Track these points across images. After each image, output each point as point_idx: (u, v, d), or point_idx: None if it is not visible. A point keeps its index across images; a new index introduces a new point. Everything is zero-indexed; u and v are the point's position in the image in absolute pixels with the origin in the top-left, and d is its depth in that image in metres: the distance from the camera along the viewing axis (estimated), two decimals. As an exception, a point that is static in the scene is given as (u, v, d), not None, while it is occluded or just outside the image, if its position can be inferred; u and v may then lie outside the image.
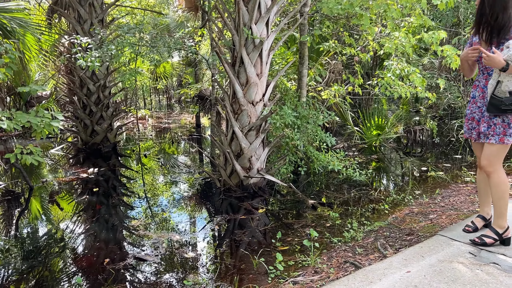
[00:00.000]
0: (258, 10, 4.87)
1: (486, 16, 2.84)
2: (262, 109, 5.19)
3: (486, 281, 2.59)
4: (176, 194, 5.57)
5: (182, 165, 7.20)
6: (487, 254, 2.96)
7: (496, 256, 2.92)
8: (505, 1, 2.77)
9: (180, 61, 13.74)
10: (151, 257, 3.63)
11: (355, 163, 6.15)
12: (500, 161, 2.98)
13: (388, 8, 5.23)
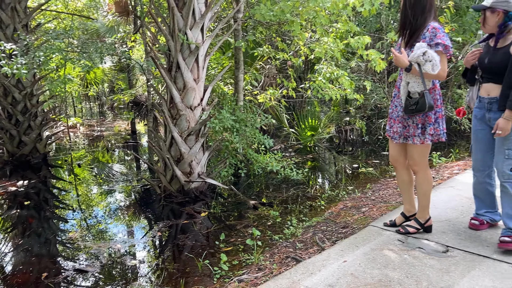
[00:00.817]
0: (193, 16, 4.93)
1: (407, 18, 3.02)
2: (200, 114, 5.24)
3: (413, 264, 2.86)
4: (114, 204, 5.44)
5: (118, 174, 7.02)
6: (413, 240, 3.25)
7: (421, 241, 3.22)
8: (423, 5, 2.96)
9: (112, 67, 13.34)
10: (92, 267, 3.55)
11: (292, 163, 6.38)
12: (424, 160, 3.15)
13: (317, 14, 5.52)
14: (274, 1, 5.55)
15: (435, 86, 3.04)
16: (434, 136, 3.06)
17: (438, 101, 3.04)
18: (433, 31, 2.89)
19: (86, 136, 11.17)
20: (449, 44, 2.88)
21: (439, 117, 3.05)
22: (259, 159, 6.03)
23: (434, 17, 2.97)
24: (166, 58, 5.21)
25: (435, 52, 2.87)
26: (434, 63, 2.83)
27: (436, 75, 2.88)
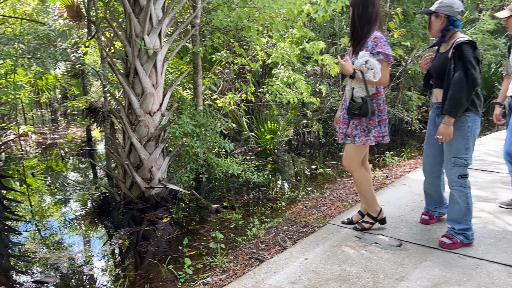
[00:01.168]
0: (150, 21, 4.92)
1: (355, 27, 3.18)
2: (160, 119, 5.23)
3: (370, 258, 3.01)
4: (71, 213, 5.30)
5: (75, 182, 6.83)
6: (370, 236, 3.41)
7: (377, 237, 3.39)
8: (369, 16, 3.11)
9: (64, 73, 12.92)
10: (52, 278, 3.46)
11: (253, 166, 6.48)
12: (358, 160, 3.28)
13: (273, 20, 5.65)
14: (231, 7, 5.63)
15: (378, 92, 3.18)
16: (378, 138, 3.21)
17: (381, 105, 3.19)
18: (375, 40, 3.03)
19: (38, 144, 10.75)
20: (389, 53, 3.01)
21: (381, 120, 3.20)
22: (220, 163, 6.07)
23: (379, 27, 3.12)
24: (123, 64, 5.15)
25: (376, 60, 3.02)
26: (375, 71, 2.98)
27: (378, 82, 3.04)
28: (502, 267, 2.82)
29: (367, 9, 3.08)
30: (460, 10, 2.94)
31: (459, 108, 2.87)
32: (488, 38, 9.92)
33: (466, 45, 2.82)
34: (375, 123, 3.18)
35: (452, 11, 2.93)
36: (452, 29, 2.97)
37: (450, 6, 2.93)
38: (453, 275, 2.72)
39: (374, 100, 3.17)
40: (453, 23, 2.94)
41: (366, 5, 3.08)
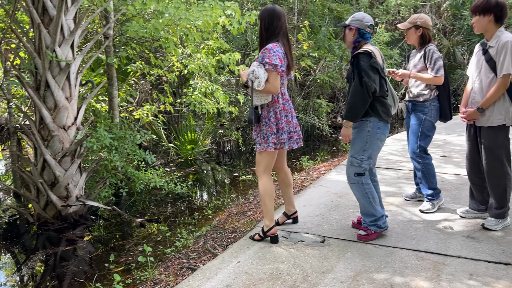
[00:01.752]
0: (61, 32, 4.71)
1: (262, 39, 3.34)
2: (75, 133, 4.99)
3: (297, 255, 3.21)
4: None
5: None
6: (295, 235, 3.62)
7: (302, 235, 3.61)
8: (274, 28, 3.25)
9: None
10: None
11: (175, 178, 6.44)
12: (261, 167, 3.39)
13: (189, 32, 5.72)
14: (146, 19, 5.59)
15: (275, 101, 3.28)
16: (277, 145, 3.32)
17: (278, 114, 3.28)
18: (264, 51, 3.17)
19: None
20: (276, 63, 3.12)
21: (279, 128, 3.28)
22: (140, 176, 5.94)
23: (280, 39, 3.27)
24: (33, 77, 4.85)
25: (264, 70, 3.14)
26: (259, 81, 3.11)
27: (266, 90, 3.17)
28: (411, 252, 3.18)
29: (272, 22, 3.26)
30: (370, 24, 3.22)
31: (355, 113, 3.17)
32: (385, 49, 10.96)
33: (362, 55, 3.10)
34: (273, 130, 3.29)
35: (362, 25, 3.21)
36: (362, 41, 3.23)
37: (360, 20, 3.22)
38: (372, 264, 3.01)
39: (271, 108, 3.28)
40: (362, 35, 3.22)
41: (272, 19, 3.26)
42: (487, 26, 3.36)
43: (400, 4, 11.92)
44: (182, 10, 5.40)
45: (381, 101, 3.21)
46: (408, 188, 4.75)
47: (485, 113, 3.40)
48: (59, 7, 4.48)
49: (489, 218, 3.56)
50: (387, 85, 3.26)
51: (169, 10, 5.17)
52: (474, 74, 3.54)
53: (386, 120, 3.25)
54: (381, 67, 3.17)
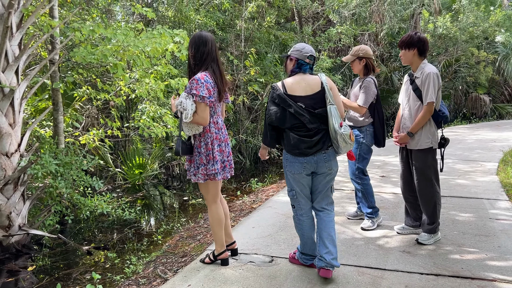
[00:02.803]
0: (6, 58, 4.63)
1: (190, 67, 3.35)
2: (19, 160, 4.86)
3: (247, 276, 3.33)
4: None
5: None
6: (245, 256, 3.75)
7: (251, 256, 3.74)
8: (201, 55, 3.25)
9: None
10: None
11: (122, 203, 6.36)
12: (207, 196, 3.45)
13: (138, 58, 5.79)
14: (94, 44, 5.61)
15: (206, 130, 3.29)
16: (208, 176, 3.31)
17: (209, 144, 3.29)
18: (192, 82, 3.16)
19: None
20: (203, 94, 3.11)
21: (210, 158, 3.29)
22: (86, 203, 5.82)
23: (210, 66, 3.27)
24: (-27, 102, 4.70)
25: (193, 101, 3.15)
26: (187, 112, 3.14)
27: (195, 121, 3.17)
28: (353, 268, 3.42)
29: (198, 48, 3.26)
30: (309, 54, 3.18)
31: (264, 137, 3.31)
32: (327, 75, 11.56)
33: (271, 87, 3.22)
34: (202, 161, 3.30)
35: (301, 55, 3.18)
36: (297, 71, 3.20)
37: (299, 51, 3.20)
38: (317, 281, 3.20)
39: (202, 138, 3.30)
40: (300, 66, 3.21)
41: (198, 45, 3.26)
42: (412, 59, 3.76)
43: (341, 33, 12.65)
44: (131, 37, 5.48)
45: (287, 134, 3.15)
46: (351, 207, 5.05)
47: (415, 137, 3.77)
48: (4, 33, 4.42)
49: (422, 234, 3.90)
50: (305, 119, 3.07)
51: (118, 37, 5.24)
52: (404, 101, 3.92)
53: (293, 153, 3.15)
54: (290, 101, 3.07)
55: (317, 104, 3.11)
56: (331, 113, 3.07)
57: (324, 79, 3.15)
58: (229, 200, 6.55)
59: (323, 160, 3.16)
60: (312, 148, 3.11)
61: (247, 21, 10.64)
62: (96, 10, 7.49)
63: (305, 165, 3.15)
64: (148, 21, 10.29)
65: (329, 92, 3.11)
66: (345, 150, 3.19)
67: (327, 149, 3.16)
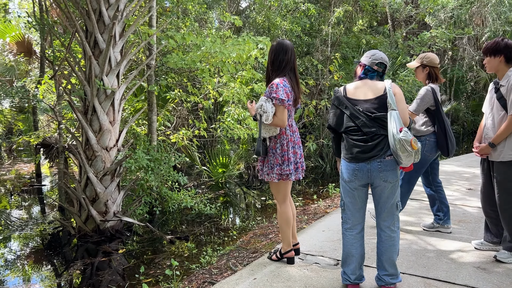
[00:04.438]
0: (109, 64, 5.26)
1: (268, 73, 3.55)
2: (116, 154, 5.47)
3: (310, 276, 3.42)
4: (19, 252, 5.31)
5: (22, 220, 6.79)
6: (311, 257, 3.83)
7: (317, 257, 3.82)
8: (280, 62, 3.39)
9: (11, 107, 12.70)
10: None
11: (205, 199, 6.79)
12: (278, 195, 3.52)
13: (224, 64, 6.17)
14: (186, 51, 6.10)
15: (282, 133, 3.44)
16: (282, 176, 3.44)
17: (285, 145, 3.43)
18: (271, 86, 3.31)
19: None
20: (283, 98, 3.26)
21: (285, 159, 3.42)
22: (173, 196, 6.34)
23: (287, 74, 3.43)
24: (82, 102, 5.41)
25: (272, 104, 3.31)
26: (267, 115, 3.30)
27: (274, 124, 3.33)
28: (420, 279, 3.32)
29: (278, 56, 3.42)
30: (378, 62, 3.08)
31: (334, 153, 3.27)
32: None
33: (333, 91, 3.24)
34: (278, 162, 3.44)
35: (369, 62, 3.09)
36: (363, 77, 3.12)
37: (368, 57, 3.12)
38: (379, 286, 3.18)
39: (278, 140, 3.47)
40: (366, 72, 3.10)
41: (278, 52, 3.42)
42: (498, 66, 3.54)
43: (435, 37, 12.03)
44: (218, 44, 5.86)
45: (344, 137, 3.10)
46: (428, 218, 4.85)
47: (497, 148, 3.54)
48: (108, 42, 5.04)
49: (502, 251, 3.64)
50: (360, 122, 2.97)
51: (206, 44, 5.64)
52: (487, 111, 3.71)
53: (346, 158, 3.06)
54: (347, 103, 3.03)
55: (377, 109, 2.97)
56: (392, 117, 2.91)
57: (388, 84, 3.04)
58: (304, 203, 6.65)
59: (377, 169, 2.94)
60: (365, 153, 2.94)
61: (334, 26, 10.64)
62: (189, 19, 8.09)
63: (357, 172, 2.98)
64: (239, 27, 10.79)
65: (391, 97, 2.96)
66: (407, 160, 2.91)
67: (384, 157, 2.97)
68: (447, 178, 7.33)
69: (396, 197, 3.05)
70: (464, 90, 16.21)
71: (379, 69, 3.13)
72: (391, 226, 3.07)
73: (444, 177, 7.39)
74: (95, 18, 5.17)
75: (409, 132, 2.91)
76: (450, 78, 15.23)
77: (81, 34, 5.06)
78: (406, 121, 3.04)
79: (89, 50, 5.13)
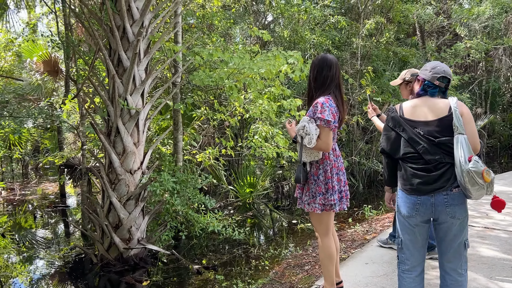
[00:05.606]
0: (133, 82, 5.01)
1: (311, 90, 3.19)
2: (140, 177, 5.18)
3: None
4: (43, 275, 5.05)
5: (46, 241, 6.56)
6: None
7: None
8: (324, 78, 3.07)
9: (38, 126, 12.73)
10: None
11: (233, 222, 6.41)
12: (321, 228, 3.16)
13: (252, 80, 5.84)
14: (212, 67, 5.81)
15: (325, 157, 3.08)
16: (325, 206, 3.06)
17: (329, 172, 3.06)
18: (316, 105, 2.97)
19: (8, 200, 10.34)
20: (329, 119, 2.91)
21: (329, 187, 3.05)
22: (199, 220, 5.98)
23: (333, 91, 3.06)
24: (105, 123, 5.17)
25: (316, 126, 2.95)
26: (310, 137, 2.92)
27: (317, 147, 2.96)
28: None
29: (322, 72, 3.08)
30: (440, 76, 2.65)
31: (384, 174, 2.86)
32: (453, 93, 10.49)
33: (387, 110, 2.86)
34: (321, 190, 3.07)
35: (429, 76, 2.68)
36: (423, 94, 2.72)
37: (428, 70, 2.71)
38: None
39: (321, 165, 3.09)
40: (426, 88, 2.69)
41: (322, 68, 3.09)
42: None
43: (470, 47, 11.46)
44: (247, 59, 5.55)
45: (401, 166, 2.67)
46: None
47: None
48: (133, 59, 4.79)
49: None
50: (422, 148, 2.54)
51: (234, 60, 5.34)
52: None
53: (405, 190, 2.63)
54: (405, 125, 2.60)
55: (441, 132, 2.53)
56: (459, 143, 2.46)
57: (454, 103, 2.57)
58: (339, 228, 6.19)
59: (443, 204, 2.51)
60: (429, 185, 2.52)
61: (364, 38, 10.24)
62: (216, 34, 7.85)
63: (418, 207, 2.56)
64: (265, 42, 10.51)
65: (458, 118, 2.50)
66: (478, 194, 2.46)
67: (451, 190, 2.52)
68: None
69: (465, 235, 2.60)
70: (501, 102, 15.44)
71: (441, 84, 2.67)
72: (458, 268, 2.62)
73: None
74: (118, 35, 4.95)
75: (480, 161, 2.45)
76: (485, 90, 14.53)
77: (104, 52, 4.83)
78: (476, 147, 2.56)
79: (113, 68, 4.90)
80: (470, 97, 12.82)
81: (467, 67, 15.03)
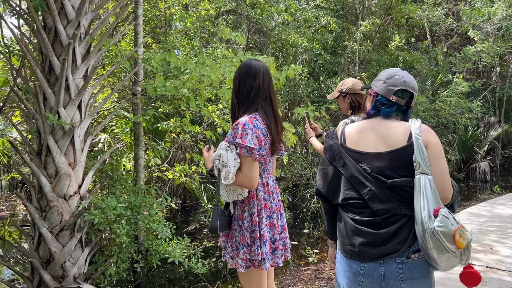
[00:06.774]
0: (67, 92, 4.28)
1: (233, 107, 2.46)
2: (78, 204, 4.43)
3: None
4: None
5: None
6: None
7: None
8: (248, 90, 2.34)
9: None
10: None
11: (199, 251, 5.61)
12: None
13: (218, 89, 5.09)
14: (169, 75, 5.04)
15: (252, 196, 2.32)
16: (252, 262, 2.31)
17: (256, 216, 2.30)
18: (236, 127, 2.25)
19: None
20: (251, 145, 2.18)
21: (256, 237, 2.27)
22: (159, 249, 5.20)
23: (262, 106, 2.33)
24: (37, 140, 4.44)
25: (237, 154, 2.24)
26: (227, 171, 2.19)
27: (238, 183, 2.23)
28: None
29: (245, 82, 2.34)
30: (398, 89, 1.85)
31: (326, 232, 2.10)
32: (463, 101, 9.56)
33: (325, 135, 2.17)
34: (245, 240, 2.30)
35: (383, 89, 1.90)
36: (374, 113, 2.01)
37: (382, 81, 1.92)
38: None
39: (246, 207, 2.32)
40: (377, 106, 1.95)
41: (244, 78, 2.35)
42: None
43: (481, 51, 10.51)
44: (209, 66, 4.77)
45: (341, 215, 1.90)
46: None
47: None
48: (62, 66, 4.05)
49: None
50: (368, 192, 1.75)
51: (189, 66, 4.57)
52: None
53: (344, 251, 1.86)
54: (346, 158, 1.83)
55: (396, 170, 1.74)
56: (421, 187, 1.64)
57: (416, 129, 1.74)
58: (320, 259, 5.34)
59: (397, 277, 1.71)
60: (376, 247, 1.73)
61: (362, 42, 9.38)
62: (188, 37, 7.11)
63: (362, 279, 1.77)
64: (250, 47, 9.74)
65: (420, 151, 1.68)
66: (447, 264, 1.65)
67: (408, 256, 1.71)
68: (502, 227, 5.81)
69: None
70: (516, 110, 14.38)
71: (399, 101, 1.85)
72: None
73: (499, 225, 5.89)
74: (50, 37, 4.23)
75: (450, 216, 1.60)
76: (499, 98, 13.48)
77: (29, 57, 4.11)
78: (446, 195, 1.71)
79: (42, 76, 4.18)
80: (483, 105, 11.86)
81: (480, 72, 14.05)
